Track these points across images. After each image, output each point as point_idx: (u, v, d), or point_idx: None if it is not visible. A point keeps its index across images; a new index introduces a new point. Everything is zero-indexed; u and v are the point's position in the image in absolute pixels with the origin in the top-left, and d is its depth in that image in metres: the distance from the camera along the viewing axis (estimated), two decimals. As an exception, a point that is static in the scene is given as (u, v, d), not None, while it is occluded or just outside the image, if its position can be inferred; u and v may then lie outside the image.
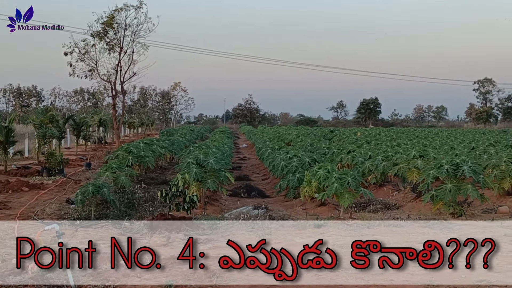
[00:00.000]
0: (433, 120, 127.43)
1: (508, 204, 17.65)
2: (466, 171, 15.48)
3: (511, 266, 8.55)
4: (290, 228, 11.95)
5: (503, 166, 19.65)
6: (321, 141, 39.96)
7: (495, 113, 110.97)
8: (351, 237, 10.78)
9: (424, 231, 11.79)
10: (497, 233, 11.58)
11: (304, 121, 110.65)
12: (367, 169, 21.53)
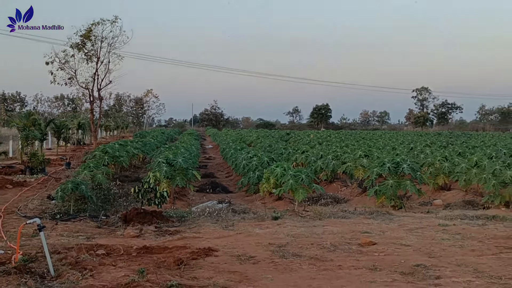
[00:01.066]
0: (377, 123, 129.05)
1: (441, 197, 18.01)
2: (405, 169, 15.72)
3: (443, 252, 8.70)
4: (250, 220, 11.96)
5: (437, 164, 20.04)
6: (278, 143, 40.12)
7: (431, 118, 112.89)
8: (304, 228, 10.86)
9: (368, 222, 11.92)
10: (432, 223, 11.80)
11: (264, 125, 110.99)
12: (319, 167, 21.71)
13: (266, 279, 6.86)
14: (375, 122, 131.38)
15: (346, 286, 6.52)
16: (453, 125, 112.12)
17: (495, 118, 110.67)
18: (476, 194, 17.92)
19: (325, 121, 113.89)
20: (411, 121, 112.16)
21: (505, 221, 12.33)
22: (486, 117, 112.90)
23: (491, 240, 9.69)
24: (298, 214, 13.08)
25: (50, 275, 6.60)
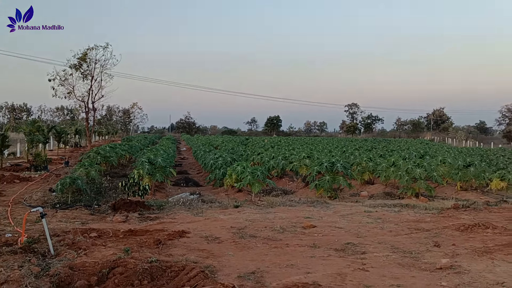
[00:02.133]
0: (318, 131, 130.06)
1: (367, 190, 18.32)
2: (339, 167, 15.94)
3: (368, 232, 8.84)
4: (216, 208, 11.90)
5: (364, 164, 20.39)
6: (239, 146, 40.09)
7: (359, 127, 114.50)
8: (259, 214, 10.88)
9: (310, 209, 12.02)
10: (360, 210, 11.98)
11: (228, 132, 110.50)
12: (271, 166, 21.80)
13: (228, 255, 6.83)
14: (316, 130, 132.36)
15: (291, 260, 6.55)
16: (376, 133, 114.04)
17: (408, 127, 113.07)
18: (394, 187, 18.32)
19: (277, 129, 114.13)
20: (344, 129, 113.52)
21: (415, 208, 12.64)
22: (401, 127, 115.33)
23: (405, 223, 9.90)
24: (254, 203, 13.10)
25: (50, 254, 6.42)
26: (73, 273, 5.49)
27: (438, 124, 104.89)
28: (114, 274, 5.53)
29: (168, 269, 5.69)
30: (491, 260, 6.64)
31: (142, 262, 5.77)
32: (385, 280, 5.63)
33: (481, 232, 8.70)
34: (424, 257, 6.85)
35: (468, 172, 18.24)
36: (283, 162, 21.90)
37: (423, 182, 15.77)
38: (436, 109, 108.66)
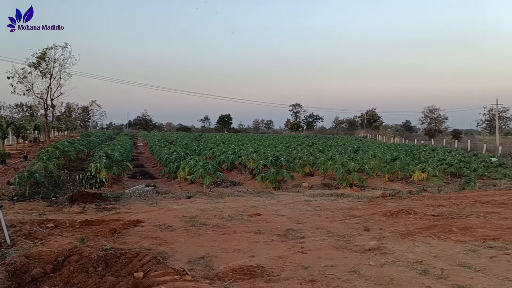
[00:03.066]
0: (265, 129, 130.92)
1: (307, 181, 18.65)
2: (283, 161, 16.16)
3: (307, 219, 9.00)
4: (170, 199, 11.72)
5: (305, 158, 20.76)
6: (193, 142, 39.70)
7: (302, 125, 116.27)
8: (210, 204, 10.82)
9: (256, 199, 12.08)
10: (300, 199, 12.18)
11: (182, 128, 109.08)
12: (222, 160, 21.74)
13: (180, 242, 6.75)
14: (264, 127, 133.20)
15: (238, 245, 6.57)
16: (316, 130, 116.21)
17: (345, 126, 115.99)
18: (331, 178, 18.75)
19: (228, 126, 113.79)
20: (288, 127, 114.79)
21: (349, 197, 13.00)
22: (339, 125, 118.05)
23: (339, 211, 10.15)
24: (205, 194, 13.02)
25: (6, 244, 6.10)
26: (29, 262, 5.24)
27: (370, 123, 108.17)
28: (69, 262, 5.32)
29: (123, 256, 5.56)
30: (412, 242, 6.95)
31: (97, 250, 5.60)
32: (320, 261, 5.75)
33: (404, 218, 9.08)
34: (356, 240, 7.07)
35: (395, 165, 18.99)
36: (232, 156, 21.90)
37: (356, 174, 16.25)
38: (369, 109, 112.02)
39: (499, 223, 8.57)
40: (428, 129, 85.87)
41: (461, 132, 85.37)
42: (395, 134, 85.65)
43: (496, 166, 25.70)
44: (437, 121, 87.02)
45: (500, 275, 5.22)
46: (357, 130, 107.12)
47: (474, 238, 7.17)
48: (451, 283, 4.89)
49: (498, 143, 49.50)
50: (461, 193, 14.37)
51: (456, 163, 23.37)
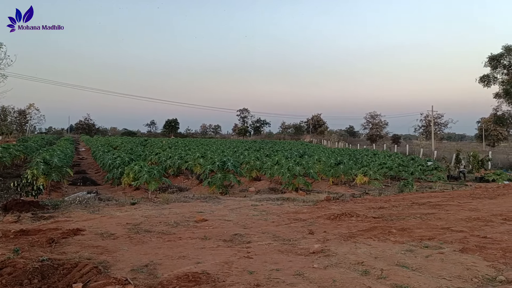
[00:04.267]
0: (212, 133, 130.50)
1: (254, 186, 18.77)
2: (230, 166, 16.14)
3: (254, 224, 9.02)
4: (113, 206, 11.34)
5: (252, 162, 20.87)
6: (138, 147, 38.82)
7: (249, 130, 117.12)
8: (155, 210, 10.59)
9: (203, 204, 11.97)
10: (247, 204, 12.20)
11: (127, 133, 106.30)
12: (168, 165, 21.42)
13: (123, 250, 6.54)
14: (211, 132, 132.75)
15: (183, 252, 6.47)
16: (264, 135, 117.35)
17: (291, 130, 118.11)
18: (277, 183, 18.98)
19: (175, 131, 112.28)
20: (236, 132, 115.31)
21: (295, 201, 13.19)
22: (285, 130, 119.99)
23: (285, 215, 10.27)
24: (151, 200, 12.72)
25: None
26: (-44, 277, 4.86)
27: (316, 128, 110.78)
28: (1, 275, 4.99)
29: (60, 267, 5.29)
30: (354, 244, 7.16)
31: (33, 261, 5.30)
32: (266, 266, 5.78)
33: (347, 220, 9.34)
34: (300, 244, 7.17)
35: (339, 169, 19.54)
36: (179, 162, 21.61)
37: (302, 178, 16.56)
38: (315, 115, 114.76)
39: (434, 223, 9.02)
40: (370, 134, 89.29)
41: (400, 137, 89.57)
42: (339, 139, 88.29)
43: (431, 169, 27.17)
44: (378, 127, 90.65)
45: (435, 273, 5.49)
46: (303, 135, 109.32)
47: (411, 239, 7.50)
48: (390, 282, 5.08)
49: (433, 147, 52.32)
50: (400, 195, 15.01)
51: (395, 167, 24.44)
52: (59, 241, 6.90)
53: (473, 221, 9.34)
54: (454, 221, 9.30)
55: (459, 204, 12.19)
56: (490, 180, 25.32)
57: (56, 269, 5.23)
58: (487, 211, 10.89)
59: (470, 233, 8.03)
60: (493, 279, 5.30)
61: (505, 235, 7.82)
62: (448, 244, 7.08)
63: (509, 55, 23.51)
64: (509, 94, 23.01)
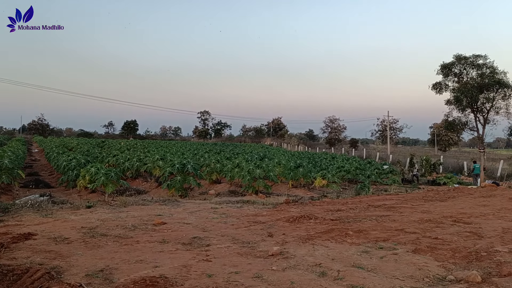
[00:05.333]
0: (173, 135, 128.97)
1: (215, 188, 18.69)
2: (190, 168, 15.99)
3: (213, 227, 8.97)
4: (68, 209, 10.96)
5: (212, 165, 20.76)
6: (95, 148, 37.80)
7: (210, 132, 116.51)
8: (112, 214, 10.34)
9: (162, 207, 11.80)
10: (207, 206, 12.13)
11: (84, 134, 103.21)
12: (126, 167, 20.96)
13: (77, 255, 6.34)
14: (171, 134, 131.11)
15: (141, 256, 6.34)
16: (225, 138, 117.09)
17: (252, 133, 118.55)
18: (238, 185, 18.98)
19: (134, 132, 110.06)
20: (197, 134, 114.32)
21: (255, 204, 13.24)
22: (246, 133, 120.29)
23: (245, 217, 10.29)
24: (108, 203, 12.41)
25: None
26: None
27: (276, 131, 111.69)
28: None
29: (10, 273, 5.06)
30: (312, 246, 7.26)
31: (-21, 268, 5.04)
32: (225, 268, 5.77)
33: (305, 223, 9.47)
34: (260, 246, 7.20)
35: (298, 172, 19.78)
36: (137, 164, 21.20)
37: (262, 181, 16.64)
38: (275, 118, 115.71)
39: (388, 225, 9.31)
40: (329, 138, 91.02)
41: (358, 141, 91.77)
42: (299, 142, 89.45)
43: (387, 172, 28.00)
44: (337, 131, 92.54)
45: (389, 273, 5.66)
46: (263, 138, 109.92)
47: (367, 240, 7.70)
48: (346, 283, 5.19)
49: (389, 151, 54.00)
50: (356, 198, 15.39)
51: (353, 170, 25.02)
52: (9, 246, 6.60)
53: (425, 222, 9.71)
54: (408, 223, 9.63)
55: (412, 207, 12.63)
56: (442, 183, 26.41)
57: (5, 275, 5.00)
58: (438, 213, 11.35)
59: (422, 234, 8.34)
60: (443, 278, 5.53)
61: (455, 236, 8.18)
62: (401, 245, 7.32)
63: (459, 63, 24.56)
64: (459, 101, 24.03)
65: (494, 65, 23.87)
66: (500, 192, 17.54)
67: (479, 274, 5.51)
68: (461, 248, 7.12)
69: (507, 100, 23.77)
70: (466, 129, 26.10)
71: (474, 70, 24.32)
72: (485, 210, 12.01)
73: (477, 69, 24.17)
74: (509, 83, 23.27)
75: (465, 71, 24.62)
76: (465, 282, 5.28)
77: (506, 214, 11.36)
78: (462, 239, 7.88)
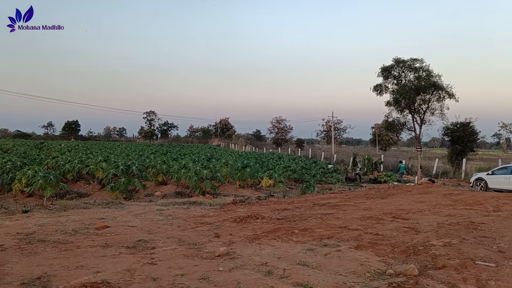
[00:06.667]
0: (117, 136, 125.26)
1: (161, 190, 18.32)
2: (135, 170, 15.60)
3: (159, 229, 8.79)
4: (1, 215, 10.32)
5: (158, 166, 20.35)
6: (33, 150, 35.88)
7: (156, 133, 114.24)
8: (51, 218, 9.85)
9: (105, 210, 11.43)
10: (152, 208, 11.87)
11: (21, 135, 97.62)
12: (67, 169, 20.05)
13: (12, 262, 5.97)
14: (116, 135, 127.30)
15: (82, 261, 6.08)
16: (171, 138, 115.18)
17: (200, 134, 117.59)
18: (184, 187, 18.73)
19: (75, 133, 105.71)
20: (142, 135, 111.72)
21: (202, 205, 13.14)
22: (194, 134, 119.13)
23: (192, 219, 10.19)
24: (46, 207, 11.83)
25: None
26: None
27: (224, 132, 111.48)
28: None
29: None
30: (259, 245, 7.31)
31: None
32: (171, 271, 5.66)
33: (252, 222, 9.52)
34: (206, 247, 7.15)
35: (245, 172, 19.85)
36: (79, 166, 20.35)
37: (209, 181, 16.53)
38: (223, 118, 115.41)
39: (332, 223, 9.56)
40: (276, 138, 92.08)
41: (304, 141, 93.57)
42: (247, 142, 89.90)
43: (331, 172, 28.77)
44: (283, 131, 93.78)
45: (332, 270, 5.81)
46: (211, 139, 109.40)
47: (312, 238, 7.86)
48: (292, 281, 5.27)
49: (333, 151, 55.53)
50: (302, 197, 15.68)
51: (299, 169, 25.47)
52: None
53: (367, 219, 10.07)
54: (351, 220, 9.94)
55: (355, 204, 13.06)
56: (382, 181, 27.52)
57: None
58: (379, 210, 11.81)
59: (364, 230, 8.64)
60: (383, 272, 5.75)
61: (394, 231, 8.54)
62: (345, 242, 7.54)
63: (398, 66, 25.70)
64: (398, 102, 25.16)
65: (429, 69, 25.22)
66: (435, 189, 18.57)
67: (416, 267, 5.79)
68: (400, 243, 7.45)
69: (441, 102, 25.20)
70: (404, 129, 27.39)
71: (412, 73, 25.55)
72: (421, 206, 12.66)
73: (414, 72, 25.41)
74: (443, 86, 24.67)
75: (404, 74, 25.80)
76: (404, 275, 5.53)
77: (441, 209, 12.04)
78: (401, 235, 8.24)
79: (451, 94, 24.73)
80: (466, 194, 16.31)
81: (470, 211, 11.87)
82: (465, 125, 32.41)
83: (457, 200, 14.43)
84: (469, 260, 6.24)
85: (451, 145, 33.97)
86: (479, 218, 10.54)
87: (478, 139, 35.24)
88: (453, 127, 32.62)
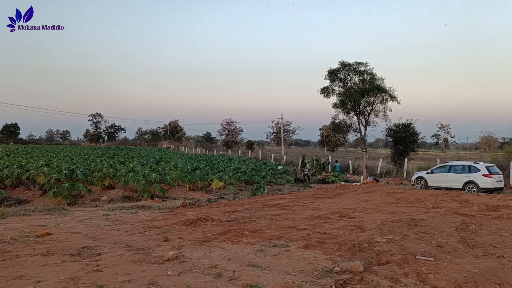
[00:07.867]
0: (61, 140, 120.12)
1: (107, 194, 17.77)
2: (79, 174, 15.05)
3: (105, 235, 8.51)
4: None
5: (105, 170, 19.74)
6: (-33, 154, 33.63)
7: (103, 136, 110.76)
8: (-13, 227, 9.26)
9: (47, 217, 10.90)
10: (98, 214, 11.48)
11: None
12: (5, 175, 18.98)
13: None
14: (59, 138, 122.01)
15: (21, 271, 5.75)
16: (119, 141, 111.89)
17: (148, 136, 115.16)
18: (132, 190, 18.28)
19: (15, 137, 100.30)
20: (88, 138, 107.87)
21: (150, 208, 12.88)
22: (142, 136, 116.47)
23: (140, 223, 9.95)
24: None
25: None
26: None
27: (173, 134, 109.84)
28: None
29: None
30: (209, 248, 7.26)
31: None
32: (117, 278, 5.50)
33: (202, 225, 9.45)
34: (155, 252, 7.00)
35: (195, 175, 19.68)
36: (18, 171, 19.32)
37: (158, 185, 16.23)
38: (172, 121, 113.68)
39: (282, 223, 9.68)
40: (226, 140, 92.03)
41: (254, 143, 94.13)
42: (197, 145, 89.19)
43: (281, 173, 29.16)
44: (234, 133, 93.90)
45: (282, 270, 5.87)
46: (160, 141, 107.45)
47: (262, 239, 7.91)
48: (241, 282, 5.27)
49: (283, 152, 56.21)
50: (252, 198, 15.77)
51: (249, 171, 25.60)
52: None
53: (315, 219, 10.28)
54: (299, 220, 10.12)
55: (304, 204, 13.31)
56: (330, 181, 28.23)
57: None
58: (327, 209, 12.10)
59: (313, 230, 8.82)
60: (331, 270, 5.90)
61: (341, 230, 8.79)
62: (294, 242, 7.66)
63: (344, 70, 26.50)
64: (344, 104, 25.94)
65: (373, 72, 26.22)
66: (380, 188, 19.30)
67: (362, 264, 5.98)
68: (346, 241, 7.67)
69: (384, 104, 26.27)
70: (350, 130, 28.31)
71: (357, 76, 26.44)
72: (367, 205, 13.11)
73: (359, 75, 26.31)
74: (386, 89, 25.72)
75: (349, 77, 26.65)
76: (349, 272, 5.69)
77: (385, 207, 12.53)
78: (347, 233, 8.49)
79: (393, 97, 25.87)
80: (407, 192, 17.06)
81: (411, 208, 12.44)
82: (407, 126, 33.97)
83: (400, 198, 15.06)
84: (410, 255, 6.53)
85: (394, 146, 35.46)
86: (419, 215, 11.07)
87: (419, 140, 37.07)
88: (396, 128, 34.08)
